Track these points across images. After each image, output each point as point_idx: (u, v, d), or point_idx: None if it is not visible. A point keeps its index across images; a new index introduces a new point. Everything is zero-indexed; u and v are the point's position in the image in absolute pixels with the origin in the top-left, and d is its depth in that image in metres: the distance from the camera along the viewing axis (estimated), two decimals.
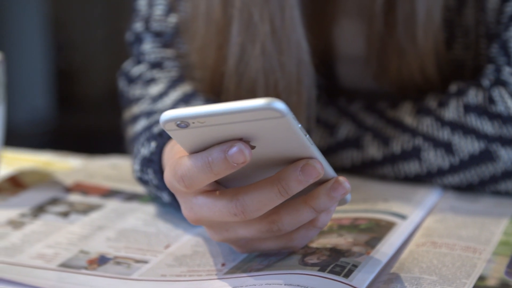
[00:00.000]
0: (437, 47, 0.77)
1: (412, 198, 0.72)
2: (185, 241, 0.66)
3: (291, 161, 0.54)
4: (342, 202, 0.58)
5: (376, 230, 0.64)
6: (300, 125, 0.51)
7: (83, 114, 3.14)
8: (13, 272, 0.60)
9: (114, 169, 0.85)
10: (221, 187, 0.56)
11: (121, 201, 0.76)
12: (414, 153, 0.75)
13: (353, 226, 0.65)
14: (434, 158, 0.75)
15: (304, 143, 0.52)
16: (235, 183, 0.56)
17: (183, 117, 0.49)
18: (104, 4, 3.43)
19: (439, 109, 0.75)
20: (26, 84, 2.96)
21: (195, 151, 0.53)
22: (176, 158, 0.54)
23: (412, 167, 0.76)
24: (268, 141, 0.52)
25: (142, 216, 0.71)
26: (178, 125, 0.50)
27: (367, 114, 0.79)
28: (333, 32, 0.82)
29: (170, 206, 0.71)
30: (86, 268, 0.61)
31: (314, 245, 0.61)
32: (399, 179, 0.77)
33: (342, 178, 0.55)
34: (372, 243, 0.61)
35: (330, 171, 0.55)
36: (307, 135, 0.52)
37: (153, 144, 0.69)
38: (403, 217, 0.67)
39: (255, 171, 0.55)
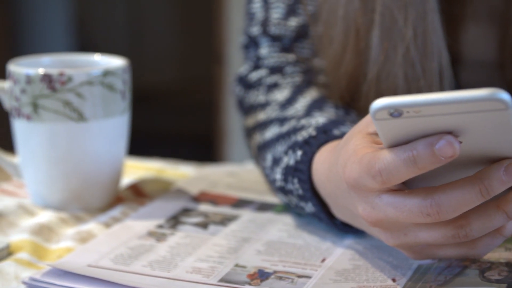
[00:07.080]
0: None
1: None
2: (339, 254, 0.63)
3: (491, 161, 0.51)
4: None
5: None
6: None
7: None
8: None
9: (233, 177, 0.83)
10: (405, 187, 0.54)
11: (254, 211, 0.73)
12: None
13: None
14: None
15: None
16: (421, 184, 0.53)
17: (399, 105, 0.46)
18: (127, 7, 3.41)
19: None
20: None
21: (394, 145, 0.50)
22: (370, 152, 0.52)
23: None
24: (476, 135, 0.49)
25: (284, 227, 0.69)
26: (391, 114, 0.47)
27: None
28: (459, 37, 0.80)
29: (313, 217, 0.69)
30: (249, 283, 0.58)
31: (486, 259, 0.59)
32: None
33: None
34: None
35: None
36: None
37: (299, 153, 0.66)
38: None
39: (447, 170, 0.52)
